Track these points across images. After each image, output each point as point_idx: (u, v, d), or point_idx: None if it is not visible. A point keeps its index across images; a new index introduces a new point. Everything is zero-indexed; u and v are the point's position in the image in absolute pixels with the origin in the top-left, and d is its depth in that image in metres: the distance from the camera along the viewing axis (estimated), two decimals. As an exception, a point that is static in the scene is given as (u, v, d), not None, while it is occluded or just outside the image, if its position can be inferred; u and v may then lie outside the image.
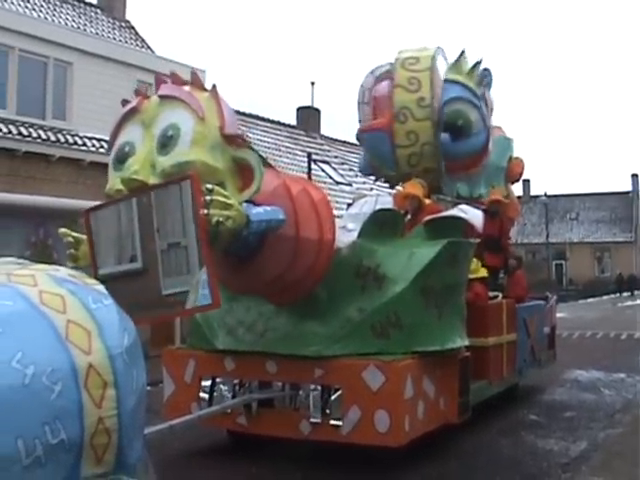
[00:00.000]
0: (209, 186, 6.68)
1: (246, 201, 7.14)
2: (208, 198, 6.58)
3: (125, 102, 7.77)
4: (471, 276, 10.33)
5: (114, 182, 7.15)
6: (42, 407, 4.07)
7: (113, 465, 4.51)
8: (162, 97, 7.36)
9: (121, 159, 7.25)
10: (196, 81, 7.56)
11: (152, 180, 6.92)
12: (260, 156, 7.63)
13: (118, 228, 6.97)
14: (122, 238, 6.90)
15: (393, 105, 12.02)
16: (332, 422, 8.26)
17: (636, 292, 60.38)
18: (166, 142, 7.04)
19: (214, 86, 7.52)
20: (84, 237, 7.27)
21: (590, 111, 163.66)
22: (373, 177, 14.58)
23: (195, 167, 6.85)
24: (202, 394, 9.10)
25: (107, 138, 7.75)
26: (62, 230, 7.54)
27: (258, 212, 7.26)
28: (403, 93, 11.96)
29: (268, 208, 7.45)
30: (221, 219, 6.60)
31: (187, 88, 7.44)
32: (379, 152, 12.71)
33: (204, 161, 6.98)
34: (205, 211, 6.50)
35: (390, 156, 12.51)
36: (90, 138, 19.16)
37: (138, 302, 6.50)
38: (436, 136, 12.27)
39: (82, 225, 7.39)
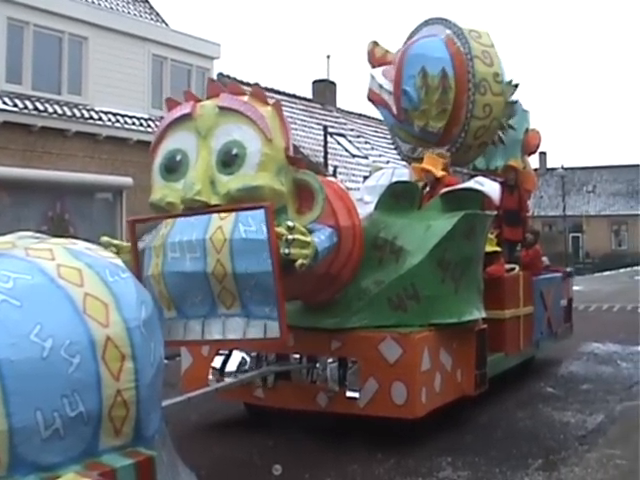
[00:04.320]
0: (290, 224, 6.61)
1: None
2: (290, 237, 6.51)
3: (171, 102, 7.50)
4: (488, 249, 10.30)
5: (164, 193, 7.01)
6: (60, 380, 4.10)
7: (131, 437, 4.55)
8: (222, 108, 7.11)
9: (172, 168, 7.07)
10: (257, 93, 7.34)
11: (214, 201, 6.82)
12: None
13: None
14: None
15: (473, 74, 11.76)
16: (349, 394, 8.27)
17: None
18: (230, 161, 6.88)
19: (277, 102, 7.37)
20: (126, 245, 7.14)
21: (608, 83, 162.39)
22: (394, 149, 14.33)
23: (263, 192, 6.76)
24: (214, 364, 9.00)
25: (123, 112, 7.61)
26: (105, 239, 7.24)
27: (321, 240, 7.13)
28: (482, 65, 11.69)
29: (326, 232, 7.33)
30: (304, 261, 6.56)
31: (246, 98, 7.23)
32: None
33: (271, 186, 6.87)
34: (286, 251, 6.46)
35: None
36: (106, 112, 19.16)
37: None
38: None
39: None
